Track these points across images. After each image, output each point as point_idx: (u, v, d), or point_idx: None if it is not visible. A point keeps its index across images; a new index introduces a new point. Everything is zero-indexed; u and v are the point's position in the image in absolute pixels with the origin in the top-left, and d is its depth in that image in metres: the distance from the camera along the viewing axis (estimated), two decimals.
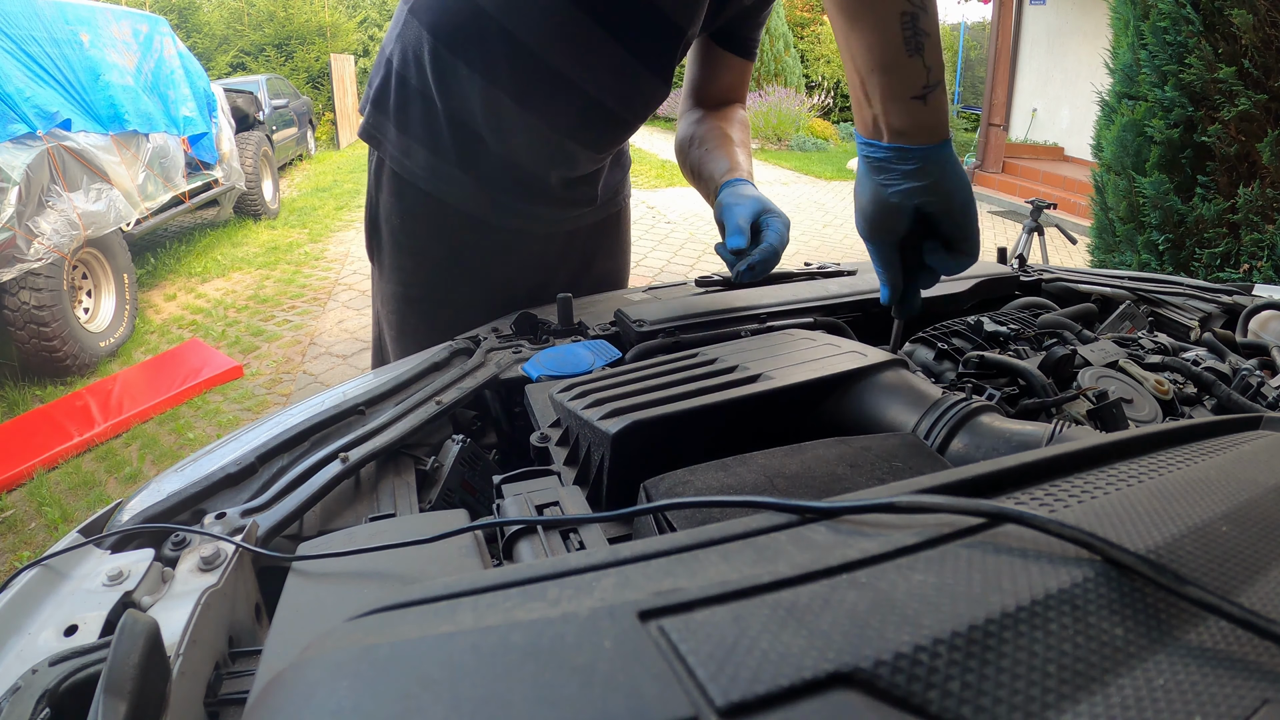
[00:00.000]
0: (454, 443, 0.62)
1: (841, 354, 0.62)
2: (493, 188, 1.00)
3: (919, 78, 0.60)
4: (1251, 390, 0.72)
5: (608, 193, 1.14)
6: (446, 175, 0.98)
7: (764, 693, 0.18)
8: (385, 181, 1.03)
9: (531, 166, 0.99)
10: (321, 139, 11.63)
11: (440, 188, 0.99)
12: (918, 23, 0.59)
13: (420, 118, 0.97)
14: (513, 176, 0.99)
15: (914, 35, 0.59)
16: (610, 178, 1.13)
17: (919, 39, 0.59)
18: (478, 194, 1.00)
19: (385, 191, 1.03)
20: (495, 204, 1.01)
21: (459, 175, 0.98)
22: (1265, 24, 2.88)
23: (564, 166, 1.01)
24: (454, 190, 0.99)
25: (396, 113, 0.98)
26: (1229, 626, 0.24)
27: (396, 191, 1.02)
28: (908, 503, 0.28)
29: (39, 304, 3.22)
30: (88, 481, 2.65)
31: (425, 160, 0.98)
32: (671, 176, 8.47)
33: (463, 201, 1.00)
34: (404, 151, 0.99)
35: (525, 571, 0.25)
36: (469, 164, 0.98)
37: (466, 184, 0.99)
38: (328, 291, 4.75)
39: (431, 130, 0.96)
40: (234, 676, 0.39)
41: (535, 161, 0.98)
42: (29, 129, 3.29)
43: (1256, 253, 3.01)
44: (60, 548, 0.46)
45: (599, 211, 1.14)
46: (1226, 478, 0.35)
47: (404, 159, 0.99)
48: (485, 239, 1.03)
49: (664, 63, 0.96)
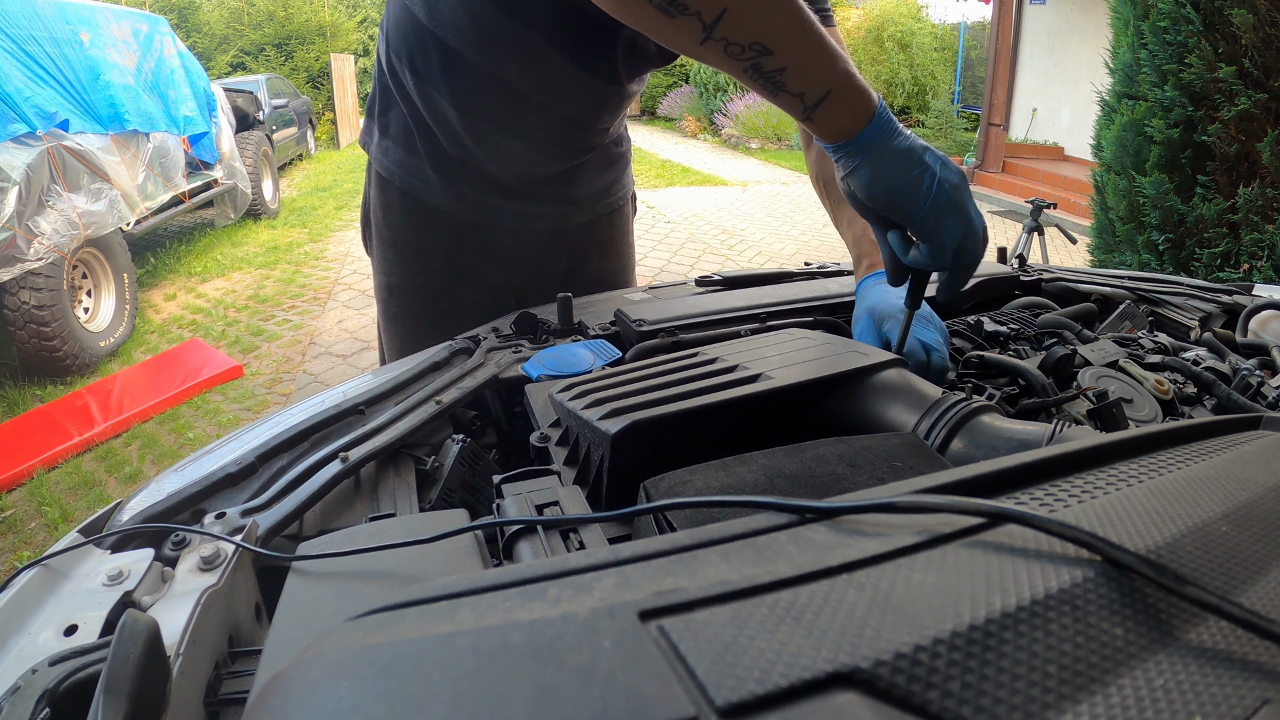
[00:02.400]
0: (454, 442, 0.62)
1: (841, 354, 0.62)
2: (460, 185, 1.04)
3: (794, 108, 0.64)
4: (1251, 390, 0.72)
5: (595, 193, 1.15)
6: (419, 172, 1.05)
7: (764, 693, 0.18)
8: (372, 179, 1.11)
9: (489, 167, 1.03)
10: (321, 139, 11.62)
11: (413, 184, 1.06)
12: (762, 69, 0.62)
13: (397, 120, 1.05)
14: (475, 175, 1.04)
15: (766, 80, 0.63)
16: (599, 179, 1.14)
17: (773, 80, 0.62)
18: (446, 191, 1.05)
19: (373, 188, 1.11)
20: (463, 200, 1.06)
21: (430, 174, 1.04)
22: (1265, 23, 2.88)
23: (519, 167, 1.04)
24: (425, 187, 1.05)
25: (379, 116, 1.07)
26: (1229, 626, 0.24)
27: (380, 188, 1.10)
28: (908, 503, 0.28)
29: (39, 304, 3.21)
30: (88, 481, 2.65)
31: (400, 159, 1.06)
32: (671, 176, 8.47)
33: (432, 197, 1.06)
34: (384, 152, 1.07)
35: (525, 571, 0.25)
36: (436, 163, 1.04)
37: (436, 182, 1.05)
38: (328, 291, 4.74)
39: (406, 131, 1.04)
40: (234, 676, 0.39)
41: (491, 163, 1.03)
42: (29, 129, 3.29)
43: (1256, 253, 3.00)
44: (60, 548, 0.46)
45: (586, 211, 1.15)
46: (1226, 478, 0.35)
47: (383, 158, 1.07)
48: (457, 233, 1.08)
49: (605, 64, 0.95)
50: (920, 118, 10.00)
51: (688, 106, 13.02)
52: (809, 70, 0.62)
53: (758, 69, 0.62)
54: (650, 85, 14.65)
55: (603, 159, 1.14)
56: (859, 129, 0.63)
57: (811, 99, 0.63)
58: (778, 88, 0.63)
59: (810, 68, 0.62)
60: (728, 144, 11.21)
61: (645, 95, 15.17)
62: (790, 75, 0.62)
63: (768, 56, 0.61)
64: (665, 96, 14.12)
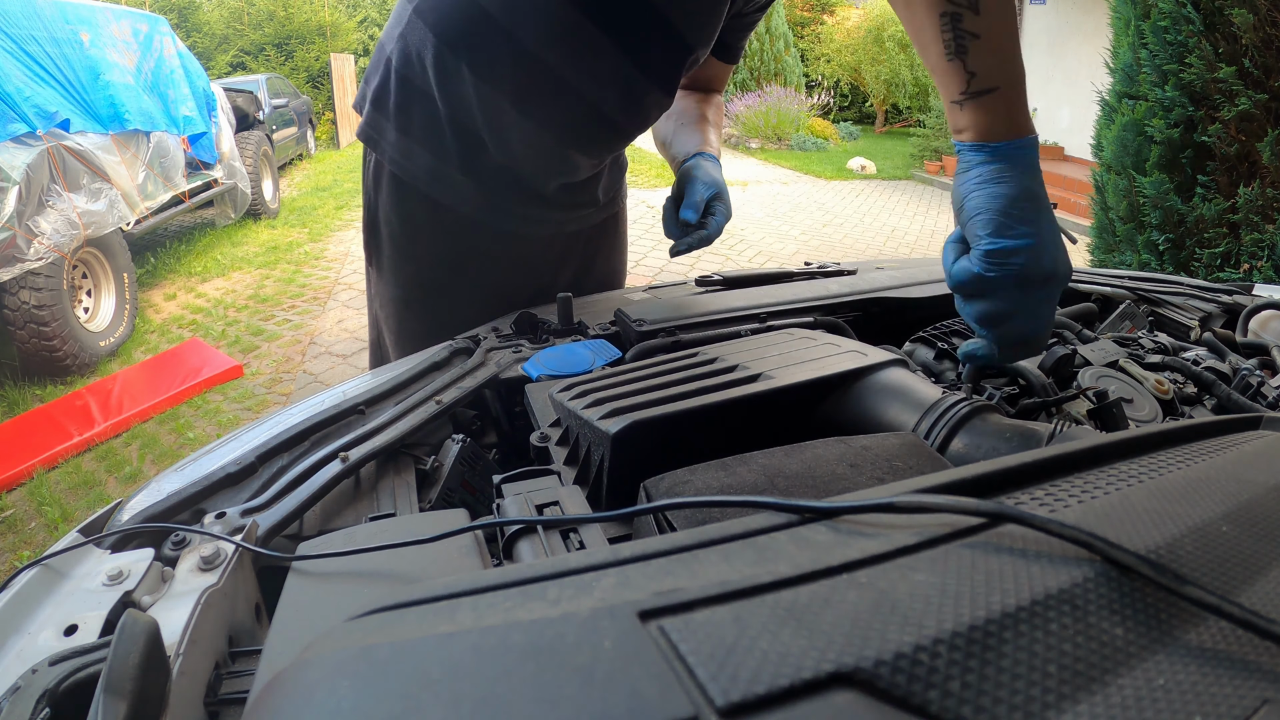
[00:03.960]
0: (454, 442, 0.62)
1: (841, 354, 0.62)
2: (494, 191, 0.99)
3: (958, 82, 0.58)
4: (1251, 390, 0.72)
5: (607, 195, 1.14)
6: (448, 178, 0.97)
7: (764, 693, 0.18)
8: (385, 184, 1.01)
9: (532, 171, 0.98)
10: (321, 138, 11.62)
11: (441, 191, 0.98)
12: (959, 24, 0.57)
13: (422, 119, 0.95)
14: (514, 180, 0.99)
15: (955, 38, 0.57)
16: (610, 180, 1.13)
17: (961, 41, 0.57)
18: (479, 197, 0.99)
19: (385, 194, 1.02)
20: (496, 208, 1.00)
21: (460, 179, 0.97)
22: (1265, 23, 2.88)
23: (564, 172, 1.00)
24: (455, 194, 0.98)
25: (397, 114, 0.96)
26: (1229, 626, 0.24)
27: (396, 194, 1.01)
28: (908, 503, 0.28)
29: (39, 304, 3.21)
30: (88, 481, 2.65)
31: (427, 163, 0.97)
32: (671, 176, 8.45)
33: (464, 205, 0.99)
34: (404, 154, 0.98)
35: (525, 571, 0.25)
36: (470, 167, 0.96)
37: (468, 187, 0.98)
38: (328, 291, 4.74)
39: (434, 133, 0.95)
40: (234, 676, 0.39)
41: (535, 167, 0.98)
42: (29, 129, 3.29)
43: (1256, 253, 3.00)
44: (60, 547, 0.46)
45: (599, 213, 1.14)
46: (1226, 478, 0.35)
47: (404, 161, 0.98)
48: (486, 242, 1.03)
49: (669, 77, 0.95)
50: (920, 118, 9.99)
51: None
52: (997, 53, 0.57)
53: (956, 20, 0.56)
54: None
55: (619, 160, 1.14)
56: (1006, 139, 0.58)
57: (979, 85, 0.58)
58: (958, 51, 0.57)
59: (999, 52, 0.57)
60: (728, 144, 11.20)
61: None
62: (980, 45, 0.57)
63: (972, 14, 0.56)
64: None
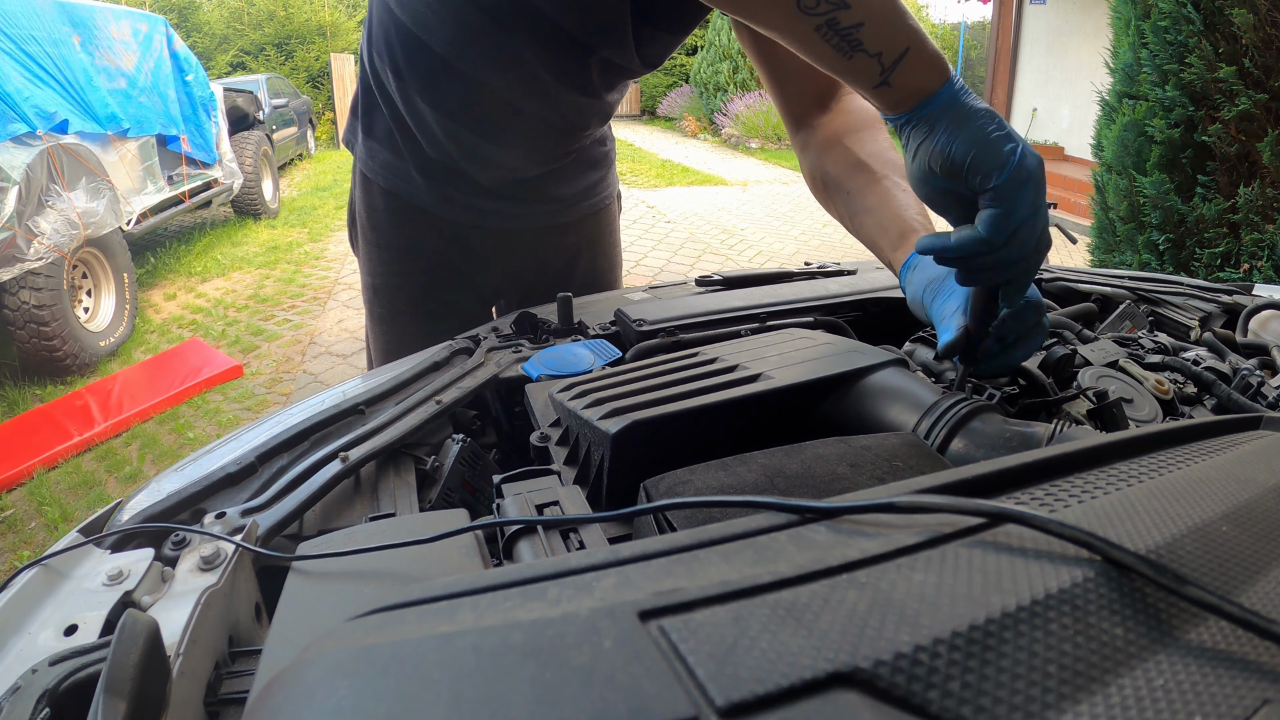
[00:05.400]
0: (454, 442, 0.62)
1: (841, 354, 0.62)
2: (441, 183, 1.05)
3: (871, 69, 0.58)
4: (1251, 390, 0.72)
5: (579, 193, 1.15)
6: (403, 174, 1.05)
7: (764, 693, 0.18)
8: (357, 179, 1.12)
9: (470, 171, 1.03)
10: (321, 138, 11.62)
11: (397, 185, 1.06)
12: (838, 26, 0.57)
13: (380, 121, 1.05)
14: (457, 174, 1.04)
15: (841, 39, 0.57)
16: (582, 179, 1.14)
17: (849, 37, 0.57)
18: (430, 192, 1.05)
19: (358, 188, 1.12)
20: (446, 198, 1.06)
21: (414, 175, 1.05)
22: (1265, 23, 2.88)
23: (498, 166, 1.04)
24: (409, 187, 1.06)
25: (364, 116, 1.07)
26: (1229, 626, 0.24)
27: (365, 189, 1.10)
28: (908, 503, 0.28)
29: (39, 304, 3.21)
30: (88, 481, 2.65)
31: (385, 160, 1.06)
32: (671, 176, 8.46)
33: (416, 198, 1.06)
34: (369, 152, 1.07)
35: (525, 571, 0.25)
36: (419, 164, 1.04)
37: (420, 183, 1.05)
38: (328, 291, 4.74)
39: (389, 133, 1.04)
40: (234, 676, 0.39)
41: (471, 166, 1.02)
42: (29, 129, 3.29)
43: (1256, 253, 3.00)
44: (60, 547, 0.46)
45: (571, 211, 1.15)
46: (1226, 478, 0.35)
47: (368, 159, 1.08)
48: (442, 234, 1.09)
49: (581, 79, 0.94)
50: None
51: (688, 106, 13.01)
52: (887, 24, 0.57)
53: (833, 25, 0.57)
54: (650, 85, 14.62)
55: (585, 160, 1.14)
56: (936, 87, 0.58)
57: (890, 58, 0.57)
58: (854, 47, 0.57)
59: (887, 21, 0.57)
60: (728, 144, 11.21)
61: (645, 95, 15.15)
62: (868, 31, 0.57)
63: (844, 10, 0.56)
64: (665, 96, 14.11)
